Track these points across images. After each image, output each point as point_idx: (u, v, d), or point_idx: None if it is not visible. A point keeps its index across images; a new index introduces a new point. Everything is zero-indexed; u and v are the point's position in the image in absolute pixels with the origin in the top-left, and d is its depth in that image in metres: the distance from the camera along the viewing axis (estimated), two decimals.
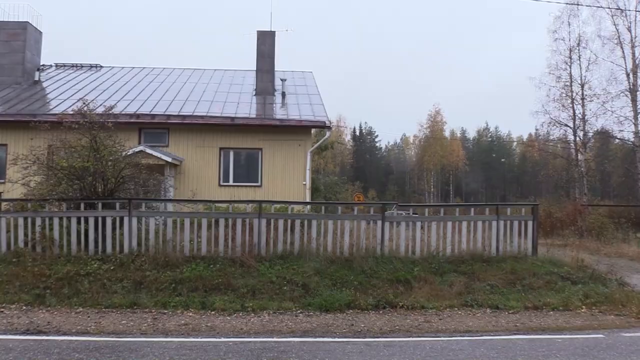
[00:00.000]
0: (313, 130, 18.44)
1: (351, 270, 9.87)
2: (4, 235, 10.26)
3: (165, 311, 8.16)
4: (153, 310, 8.18)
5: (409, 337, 7.08)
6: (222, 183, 17.04)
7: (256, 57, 21.11)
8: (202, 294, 8.77)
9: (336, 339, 6.85)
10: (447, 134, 75.98)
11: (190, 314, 8.08)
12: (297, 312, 8.28)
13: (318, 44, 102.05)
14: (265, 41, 21.30)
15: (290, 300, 8.70)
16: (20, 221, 10.27)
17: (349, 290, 9.07)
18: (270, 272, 9.54)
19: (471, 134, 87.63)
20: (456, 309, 8.66)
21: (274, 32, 21.65)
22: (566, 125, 26.41)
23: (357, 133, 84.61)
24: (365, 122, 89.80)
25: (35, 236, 10.20)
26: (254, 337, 6.85)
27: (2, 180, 16.07)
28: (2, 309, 8.15)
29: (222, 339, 6.70)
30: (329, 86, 47.58)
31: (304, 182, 17.07)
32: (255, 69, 21.29)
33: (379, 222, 10.95)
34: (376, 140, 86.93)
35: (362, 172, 74.70)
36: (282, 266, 9.83)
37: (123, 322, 7.54)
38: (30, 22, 21.75)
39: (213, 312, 8.17)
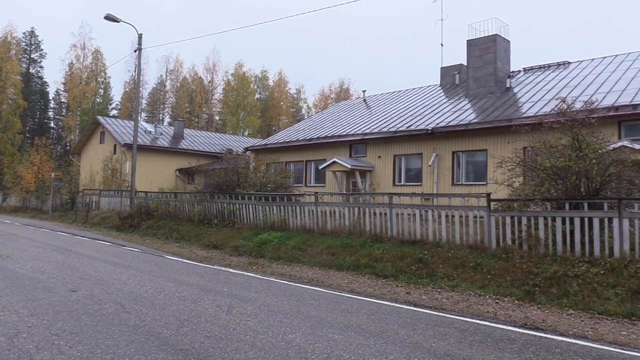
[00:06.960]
0: None
1: None
2: (494, 232, 11.11)
3: None
4: None
5: None
6: None
7: None
8: None
9: None
10: None
11: None
12: None
13: None
14: None
15: None
16: (508, 220, 10.92)
17: None
18: None
19: None
20: None
21: None
22: None
23: None
24: None
25: (521, 234, 10.64)
26: None
27: (484, 182, 17.64)
28: (497, 300, 8.81)
29: None
30: None
31: None
32: None
33: None
34: None
35: None
36: None
37: (623, 332, 6.93)
38: (499, 34, 23.28)
39: None
